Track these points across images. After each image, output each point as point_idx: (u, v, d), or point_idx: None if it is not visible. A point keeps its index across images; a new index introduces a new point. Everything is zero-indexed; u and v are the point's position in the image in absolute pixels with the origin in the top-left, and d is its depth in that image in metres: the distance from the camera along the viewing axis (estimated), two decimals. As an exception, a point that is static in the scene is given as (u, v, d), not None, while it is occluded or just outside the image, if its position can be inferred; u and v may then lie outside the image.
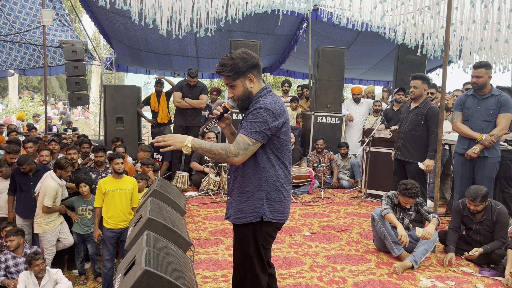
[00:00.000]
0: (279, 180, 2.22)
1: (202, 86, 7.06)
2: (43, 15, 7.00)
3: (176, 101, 6.78)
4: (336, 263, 3.77)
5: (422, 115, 4.61)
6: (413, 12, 6.93)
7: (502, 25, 6.20)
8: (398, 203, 4.04)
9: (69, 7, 14.29)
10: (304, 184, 6.54)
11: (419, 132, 4.64)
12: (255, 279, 2.26)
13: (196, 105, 6.86)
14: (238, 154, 2.09)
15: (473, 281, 3.49)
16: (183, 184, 6.29)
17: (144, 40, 9.44)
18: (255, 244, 2.23)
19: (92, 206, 4.78)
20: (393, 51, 8.88)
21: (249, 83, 2.25)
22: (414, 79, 4.65)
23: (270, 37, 9.70)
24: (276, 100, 2.18)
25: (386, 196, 4.10)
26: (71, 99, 8.33)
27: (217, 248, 4.05)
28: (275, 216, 2.23)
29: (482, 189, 3.78)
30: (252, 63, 2.21)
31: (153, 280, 2.33)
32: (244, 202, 2.22)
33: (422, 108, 4.63)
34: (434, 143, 4.46)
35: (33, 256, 3.99)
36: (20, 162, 4.87)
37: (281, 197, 2.24)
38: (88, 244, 4.85)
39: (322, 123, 7.64)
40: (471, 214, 3.91)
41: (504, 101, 4.21)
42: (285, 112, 2.20)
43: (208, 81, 17.99)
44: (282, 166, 2.24)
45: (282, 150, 2.23)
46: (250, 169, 2.21)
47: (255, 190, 2.20)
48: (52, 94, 27.05)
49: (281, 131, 2.18)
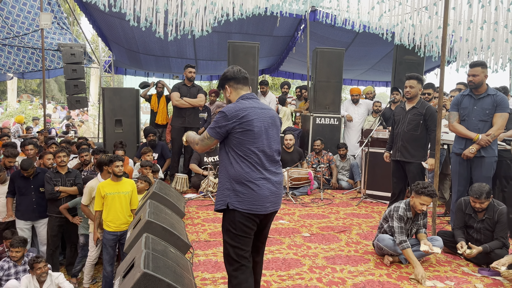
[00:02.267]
0: (243, 175, 2.49)
1: (199, 86, 7.08)
2: (41, 18, 7.01)
3: (175, 99, 6.77)
4: (336, 264, 3.78)
5: (420, 115, 4.61)
6: (411, 13, 6.94)
7: (499, 25, 6.21)
8: (411, 215, 3.80)
9: (67, 10, 14.32)
10: (303, 185, 6.54)
11: (418, 132, 4.65)
12: (232, 265, 2.55)
13: (195, 103, 6.86)
14: (198, 143, 2.68)
15: (472, 281, 3.49)
16: (182, 186, 6.29)
17: (142, 42, 9.45)
18: (228, 233, 2.54)
19: None
20: (391, 52, 8.89)
21: (227, 92, 2.72)
22: (410, 79, 4.66)
23: (268, 38, 9.71)
24: (237, 106, 2.55)
25: (397, 218, 3.72)
26: (70, 102, 8.34)
27: (217, 250, 4.05)
28: (243, 206, 2.49)
29: (485, 186, 3.78)
30: (226, 77, 2.68)
31: (152, 283, 2.33)
32: (218, 192, 2.62)
33: (420, 108, 4.64)
34: (432, 141, 4.52)
35: (35, 260, 3.98)
36: (25, 166, 4.87)
37: (249, 190, 2.49)
38: None
39: (321, 124, 7.65)
40: (473, 212, 3.90)
41: (500, 101, 4.21)
42: (241, 116, 2.50)
43: (207, 83, 18.00)
44: (246, 163, 2.51)
45: (243, 149, 2.51)
46: (223, 164, 2.60)
47: (224, 182, 2.57)
48: (51, 97, 27.07)
49: (237, 131, 2.49)
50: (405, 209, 3.76)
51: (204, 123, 7.65)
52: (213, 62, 10.92)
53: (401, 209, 3.75)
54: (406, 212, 3.76)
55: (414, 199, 3.72)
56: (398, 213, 3.73)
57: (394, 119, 4.97)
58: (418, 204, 3.68)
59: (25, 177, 4.95)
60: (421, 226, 3.90)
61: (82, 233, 4.93)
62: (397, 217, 3.72)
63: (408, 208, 3.78)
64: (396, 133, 4.90)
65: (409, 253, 3.60)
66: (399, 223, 3.71)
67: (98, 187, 4.36)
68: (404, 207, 3.77)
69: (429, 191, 3.62)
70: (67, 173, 5.15)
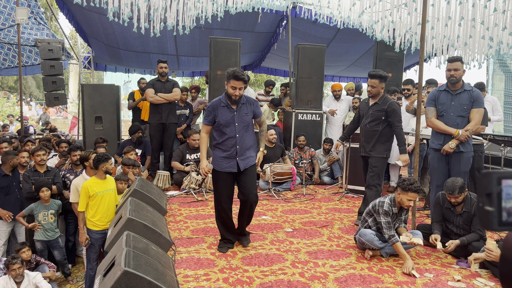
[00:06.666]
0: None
1: (173, 81, 7.02)
2: (17, 13, 6.84)
3: (150, 96, 6.69)
4: (318, 258, 3.80)
5: (382, 111, 4.58)
6: (391, 9, 7.01)
7: (476, 21, 6.32)
8: (396, 211, 3.85)
9: (44, 5, 13.98)
10: (286, 181, 6.56)
11: (379, 128, 4.63)
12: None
13: (169, 98, 6.78)
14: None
15: (451, 272, 3.56)
16: (164, 184, 6.24)
17: (122, 38, 9.30)
18: None
19: (53, 209, 4.68)
20: (372, 48, 8.98)
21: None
22: (372, 78, 4.61)
23: (250, 34, 9.68)
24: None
25: (383, 213, 3.76)
26: (48, 98, 8.16)
27: (199, 246, 4.04)
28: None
29: (458, 181, 3.84)
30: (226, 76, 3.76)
31: (133, 281, 2.30)
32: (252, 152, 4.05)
33: (382, 104, 4.60)
34: (402, 137, 4.54)
35: (10, 260, 3.90)
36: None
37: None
38: (55, 250, 4.75)
39: (303, 120, 7.68)
40: (451, 206, 3.97)
41: (477, 97, 4.29)
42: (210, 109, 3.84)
43: (189, 79, 17.87)
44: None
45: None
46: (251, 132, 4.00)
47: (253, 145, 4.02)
48: (29, 94, 26.46)
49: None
50: (390, 205, 3.81)
51: (186, 119, 7.60)
52: (195, 58, 10.83)
53: (386, 204, 3.79)
54: (391, 207, 3.81)
55: (401, 195, 3.75)
56: (384, 209, 3.77)
57: (359, 114, 4.96)
58: (406, 200, 3.73)
59: (6, 175, 4.79)
60: (402, 221, 3.96)
61: (39, 239, 4.71)
62: (383, 213, 3.76)
63: (393, 204, 3.83)
64: (360, 128, 4.92)
65: (399, 247, 3.66)
66: (386, 218, 3.75)
67: (84, 186, 4.16)
68: (389, 202, 3.82)
69: (415, 187, 3.69)
70: (46, 172, 5.03)
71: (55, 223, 4.73)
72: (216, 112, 3.80)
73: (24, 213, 4.71)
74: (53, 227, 4.71)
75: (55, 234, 4.73)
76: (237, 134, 3.80)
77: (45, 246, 4.72)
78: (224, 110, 3.80)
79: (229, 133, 3.79)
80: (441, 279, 3.43)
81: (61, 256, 4.78)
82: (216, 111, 3.81)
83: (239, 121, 3.81)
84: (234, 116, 3.80)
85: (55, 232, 4.73)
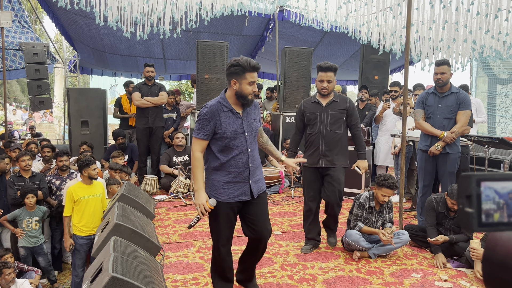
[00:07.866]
0: None
1: (160, 85, 6.99)
2: (1, 16, 6.73)
3: (136, 100, 6.65)
4: (307, 261, 3.82)
5: (344, 110, 3.88)
6: (376, 13, 7.10)
7: (460, 25, 6.44)
8: (373, 205, 3.94)
9: (29, 8, 13.84)
10: (275, 184, 6.58)
11: (342, 131, 3.89)
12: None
13: (156, 101, 6.75)
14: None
15: (437, 272, 3.61)
16: (151, 188, 6.20)
17: (108, 41, 9.25)
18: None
19: (38, 216, 4.62)
20: (358, 51, 9.06)
21: None
22: (327, 71, 3.83)
23: (237, 38, 9.71)
24: None
25: (357, 205, 3.92)
26: (33, 103, 8.05)
27: (188, 251, 4.02)
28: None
29: None
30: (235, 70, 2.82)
31: (121, 287, 2.28)
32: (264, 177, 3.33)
33: (342, 102, 3.90)
34: (361, 141, 3.97)
35: (4, 265, 3.81)
36: None
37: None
38: (39, 257, 4.66)
39: (291, 123, 7.70)
40: (445, 210, 3.97)
41: (463, 99, 4.36)
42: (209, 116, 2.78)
43: (176, 82, 17.81)
44: None
45: None
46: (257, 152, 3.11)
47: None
48: (13, 98, 26.08)
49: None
50: (368, 198, 3.93)
51: (173, 123, 7.57)
52: (182, 61, 10.82)
53: (363, 197, 3.94)
54: (369, 201, 3.92)
55: (376, 190, 3.89)
56: (359, 201, 3.93)
57: (305, 118, 3.99)
58: (380, 195, 3.85)
59: None
60: (387, 220, 4.02)
61: (22, 246, 4.62)
62: (358, 204, 3.93)
63: (371, 198, 3.94)
64: (311, 134, 3.94)
65: (366, 228, 3.88)
66: (357, 211, 3.93)
67: (69, 191, 4.11)
68: (368, 196, 3.96)
69: (389, 183, 3.77)
70: (31, 177, 4.95)
71: (39, 229, 4.66)
72: (217, 120, 2.75)
73: (8, 217, 4.63)
74: (38, 233, 4.64)
75: (39, 240, 4.66)
76: (249, 148, 2.85)
77: (29, 252, 4.64)
78: (228, 116, 2.78)
79: (238, 147, 2.80)
80: (428, 279, 3.47)
81: (46, 262, 4.71)
82: (216, 118, 2.75)
83: (248, 130, 2.85)
84: (242, 124, 2.81)
85: (39, 238, 4.66)
